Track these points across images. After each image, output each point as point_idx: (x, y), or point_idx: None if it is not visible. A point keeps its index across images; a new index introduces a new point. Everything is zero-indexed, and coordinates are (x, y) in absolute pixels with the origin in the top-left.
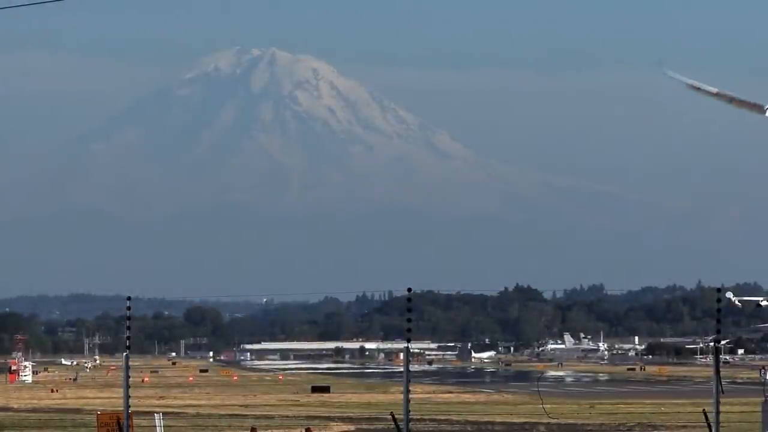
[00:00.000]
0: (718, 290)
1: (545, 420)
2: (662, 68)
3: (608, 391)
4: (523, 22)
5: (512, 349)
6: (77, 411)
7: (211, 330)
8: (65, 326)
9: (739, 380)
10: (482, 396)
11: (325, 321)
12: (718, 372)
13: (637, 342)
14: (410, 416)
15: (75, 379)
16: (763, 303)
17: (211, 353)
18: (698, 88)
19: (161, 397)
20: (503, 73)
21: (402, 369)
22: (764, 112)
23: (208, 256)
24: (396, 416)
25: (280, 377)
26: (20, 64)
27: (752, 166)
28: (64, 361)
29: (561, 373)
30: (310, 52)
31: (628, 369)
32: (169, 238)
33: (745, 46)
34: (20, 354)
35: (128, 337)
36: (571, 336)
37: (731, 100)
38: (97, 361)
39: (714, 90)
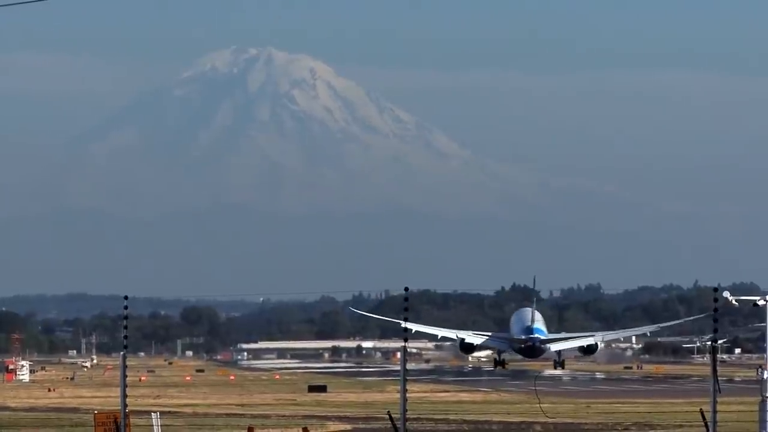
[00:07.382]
0: (715, 290)
1: (542, 419)
2: None
3: (605, 390)
4: (521, 22)
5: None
6: (74, 410)
7: (208, 329)
8: (62, 325)
9: (737, 379)
10: (479, 395)
11: (322, 320)
12: (715, 371)
13: (633, 341)
14: (407, 415)
15: (72, 378)
16: (761, 302)
17: (180, 353)
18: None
19: (158, 397)
20: (501, 73)
21: (399, 368)
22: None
23: (204, 256)
24: (393, 415)
25: (277, 376)
26: (16, 64)
27: (751, 165)
28: (74, 360)
29: (558, 372)
30: (306, 52)
31: (625, 368)
32: (166, 237)
33: (745, 46)
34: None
35: (125, 337)
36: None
37: None
38: (94, 360)
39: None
